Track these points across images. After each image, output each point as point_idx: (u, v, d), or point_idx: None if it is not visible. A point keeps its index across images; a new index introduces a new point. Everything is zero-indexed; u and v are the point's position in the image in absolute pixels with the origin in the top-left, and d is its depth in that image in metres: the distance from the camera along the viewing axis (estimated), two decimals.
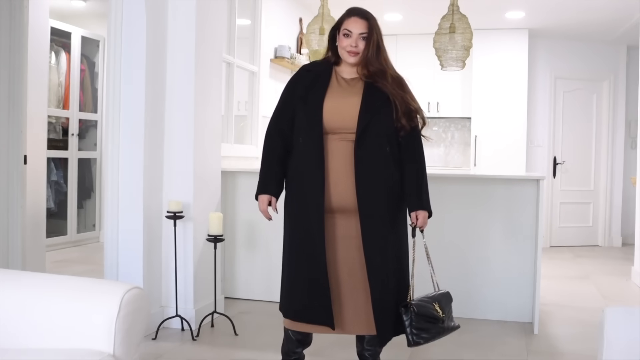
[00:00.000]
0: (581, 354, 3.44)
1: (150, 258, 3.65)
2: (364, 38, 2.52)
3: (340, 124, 2.49)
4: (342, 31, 2.55)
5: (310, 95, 2.54)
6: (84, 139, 6.83)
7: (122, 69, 3.56)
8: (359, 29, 2.52)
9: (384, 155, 2.51)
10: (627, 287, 5.39)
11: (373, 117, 2.49)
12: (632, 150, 7.83)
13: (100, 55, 6.90)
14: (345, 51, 2.54)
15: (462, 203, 4.14)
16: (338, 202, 2.49)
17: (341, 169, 2.48)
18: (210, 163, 3.96)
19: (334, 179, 2.48)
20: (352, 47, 2.52)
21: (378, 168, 2.50)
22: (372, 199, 2.49)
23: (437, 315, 2.49)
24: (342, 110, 2.50)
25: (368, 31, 2.53)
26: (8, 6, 3.80)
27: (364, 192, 2.48)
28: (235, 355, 3.33)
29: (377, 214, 2.50)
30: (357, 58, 2.54)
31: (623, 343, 1.80)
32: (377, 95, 2.52)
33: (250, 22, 5.64)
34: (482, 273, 4.11)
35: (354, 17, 2.55)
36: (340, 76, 2.60)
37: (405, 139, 2.55)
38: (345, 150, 2.48)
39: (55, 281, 2.08)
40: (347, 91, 2.55)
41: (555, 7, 6.29)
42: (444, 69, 4.83)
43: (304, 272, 2.52)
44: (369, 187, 2.48)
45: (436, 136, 8.01)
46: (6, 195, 3.84)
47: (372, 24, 2.55)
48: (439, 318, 2.49)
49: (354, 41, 2.52)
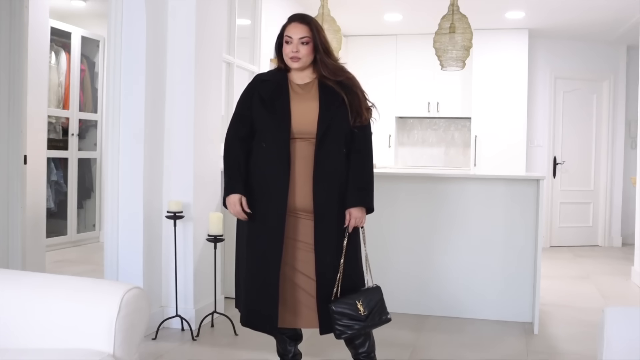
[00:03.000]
0: (581, 354, 3.45)
1: (150, 258, 3.65)
2: (305, 42, 2.56)
3: (304, 127, 2.54)
4: (284, 39, 2.60)
5: (276, 102, 2.58)
6: (84, 139, 6.83)
7: (122, 69, 3.56)
8: (299, 33, 2.57)
9: (341, 156, 2.58)
10: (627, 287, 5.39)
11: (331, 120, 2.54)
12: (632, 150, 7.83)
13: (100, 55, 6.90)
14: (288, 57, 2.59)
15: (462, 203, 4.14)
16: (301, 204, 2.54)
17: (305, 171, 2.53)
18: (210, 163, 3.96)
19: (299, 182, 2.54)
20: (294, 53, 2.57)
21: (334, 169, 2.57)
22: (326, 199, 2.54)
23: (358, 315, 2.50)
24: (305, 115, 2.55)
25: (309, 35, 2.57)
26: (8, 6, 3.80)
27: (320, 194, 2.53)
28: (235, 355, 3.33)
29: (330, 214, 2.55)
30: (299, 63, 2.58)
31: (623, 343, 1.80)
32: (333, 98, 2.57)
33: (250, 22, 5.64)
34: (482, 273, 4.11)
35: (293, 22, 2.60)
36: (294, 83, 2.64)
37: (356, 133, 2.60)
38: (309, 153, 2.54)
39: (55, 281, 2.08)
40: (304, 97, 2.60)
41: (555, 7, 6.29)
42: (444, 69, 4.83)
43: (258, 275, 2.56)
44: (325, 188, 2.54)
45: (436, 136, 8.01)
46: (6, 195, 3.84)
47: (312, 26, 2.59)
48: (360, 317, 2.50)
49: (295, 46, 2.57)
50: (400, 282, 4.19)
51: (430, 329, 3.87)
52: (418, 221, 4.20)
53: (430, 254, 4.19)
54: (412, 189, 4.18)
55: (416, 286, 4.20)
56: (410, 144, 8.07)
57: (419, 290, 4.19)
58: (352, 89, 2.60)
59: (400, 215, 4.22)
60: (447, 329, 3.88)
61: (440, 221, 4.17)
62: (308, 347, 3.24)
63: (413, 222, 4.20)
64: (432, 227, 4.19)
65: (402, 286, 4.19)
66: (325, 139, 2.53)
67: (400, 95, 7.63)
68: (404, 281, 4.20)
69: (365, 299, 2.54)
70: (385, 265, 4.12)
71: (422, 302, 4.18)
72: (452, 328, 3.91)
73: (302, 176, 2.54)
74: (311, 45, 2.58)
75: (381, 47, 7.67)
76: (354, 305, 2.51)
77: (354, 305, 2.51)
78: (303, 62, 2.58)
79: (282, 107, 2.57)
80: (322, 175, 2.53)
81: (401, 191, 4.22)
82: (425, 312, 4.17)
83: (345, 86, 2.60)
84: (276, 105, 2.58)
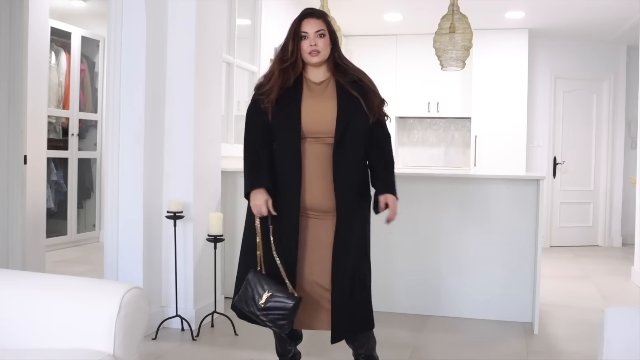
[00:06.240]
0: (581, 354, 3.44)
1: (150, 258, 3.65)
2: (322, 35, 2.53)
3: (317, 127, 2.51)
4: (300, 35, 2.54)
5: (287, 101, 2.54)
6: (84, 139, 6.83)
7: (122, 69, 3.56)
8: (314, 27, 2.53)
9: (360, 157, 2.59)
10: (627, 287, 5.39)
11: (350, 120, 2.52)
12: (632, 150, 7.82)
13: (100, 55, 6.90)
14: (307, 53, 2.53)
15: (461, 203, 4.14)
16: (312, 204, 2.52)
17: (317, 171, 2.50)
18: (210, 163, 3.96)
19: (309, 182, 2.51)
20: (312, 47, 2.52)
21: (354, 170, 2.57)
22: (348, 201, 2.53)
23: (257, 303, 2.42)
24: (319, 115, 2.52)
25: (324, 27, 2.53)
26: (8, 6, 3.80)
27: (342, 195, 2.51)
28: (235, 355, 3.33)
29: (351, 216, 2.54)
30: (319, 57, 2.54)
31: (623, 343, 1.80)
32: (350, 98, 2.54)
33: (250, 22, 5.64)
34: (482, 273, 4.11)
35: (307, 18, 2.55)
36: (310, 81, 2.59)
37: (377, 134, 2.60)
38: (323, 153, 2.51)
39: (55, 281, 2.09)
40: (320, 95, 2.56)
41: (555, 8, 6.29)
42: (444, 69, 4.83)
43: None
44: (347, 190, 2.52)
45: (436, 136, 8.01)
46: (6, 195, 3.84)
47: (325, 20, 2.57)
48: (257, 305, 2.42)
49: (312, 40, 2.52)
50: (400, 282, 4.19)
51: (430, 329, 3.87)
52: (418, 221, 4.20)
53: (430, 254, 4.19)
54: (412, 189, 4.18)
55: (416, 286, 4.20)
56: (410, 144, 8.07)
57: (419, 290, 4.19)
58: (369, 88, 2.58)
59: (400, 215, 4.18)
60: (447, 329, 3.88)
61: (440, 221, 4.17)
62: (308, 347, 3.24)
63: (413, 222, 4.19)
64: (432, 227, 4.19)
65: (402, 286, 4.19)
66: (344, 141, 2.50)
67: (400, 95, 7.63)
68: (404, 281, 4.20)
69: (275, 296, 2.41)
70: (385, 265, 4.12)
71: (422, 302, 4.18)
72: (452, 328, 3.91)
73: (314, 176, 2.50)
74: (327, 38, 2.54)
75: (381, 47, 7.67)
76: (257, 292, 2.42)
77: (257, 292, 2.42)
78: (322, 56, 2.54)
79: (293, 106, 2.54)
80: (343, 178, 2.51)
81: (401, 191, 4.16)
82: (425, 312, 4.17)
83: (359, 85, 2.57)
84: (287, 105, 2.55)
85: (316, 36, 2.52)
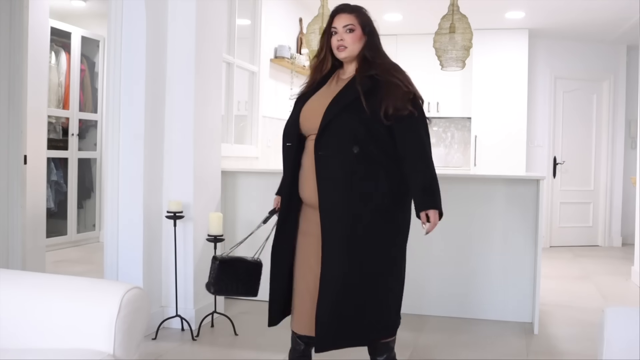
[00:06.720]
0: (581, 354, 3.44)
1: (150, 258, 3.65)
2: (350, 30, 2.47)
3: (308, 124, 2.49)
4: (330, 31, 2.52)
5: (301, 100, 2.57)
6: (84, 139, 6.83)
7: (122, 69, 3.56)
8: (343, 22, 2.48)
9: (350, 154, 2.38)
10: (627, 287, 5.39)
11: (336, 116, 2.39)
12: (632, 150, 7.83)
13: (100, 55, 6.90)
14: (335, 48, 2.50)
15: (462, 203, 4.14)
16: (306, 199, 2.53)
17: (309, 168, 2.48)
18: (210, 163, 3.96)
19: (303, 178, 2.51)
20: (339, 42, 2.48)
21: (340, 168, 2.39)
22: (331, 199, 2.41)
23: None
24: (312, 112, 2.48)
25: (354, 22, 2.47)
26: (8, 6, 3.80)
27: (324, 193, 2.42)
28: (235, 355, 3.33)
29: (335, 215, 2.40)
30: (346, 52, 2.48)
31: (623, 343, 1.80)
32: (348, 93, 2.43)
33: (250, 22, 5.64)
34: (482, 273, 4.11)
35: (338, 14, 2.52)
36: (340, 78, 2.56)
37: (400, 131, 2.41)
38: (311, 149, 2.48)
39: (55, 281, 2.09)
40: (328, 92, 2.51)
41: (555, 8, 6.29)
42: (444, 69, 4.83)
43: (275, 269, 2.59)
44: (329, 187, 2.41)
45: (436, 136, 8.01)
46: (6, 195, 3.84)
47: (358, 14, 2.50)
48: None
49: (340, 35, 2.48)
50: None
51: (430, 329, 3.87)
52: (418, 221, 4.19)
53: (430, 254, 4.18)
54: None
55: (416, 286, 4.20)
56: None
57: (419, 290, 4.19)
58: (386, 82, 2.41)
59: None
60: (447, 329, 3.88)
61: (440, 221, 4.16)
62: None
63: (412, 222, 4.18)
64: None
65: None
66: (324, 137, 2.40)
67: None
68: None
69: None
70: None
71: (422, 302, 4.18)
72: (452, 328, 3.91)
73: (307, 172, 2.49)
74: (358, 32, 2.47)
75: None
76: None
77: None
78: (350, 51, 2.47)
79: (302, 103, 2.54)
80: (325, 175, 2.41)
81: None
82: (425, 312, 4.17)
83: (374, 80, 2.42)
84: (300, 101, 2.56)
85: (344, 31, 2.47)
